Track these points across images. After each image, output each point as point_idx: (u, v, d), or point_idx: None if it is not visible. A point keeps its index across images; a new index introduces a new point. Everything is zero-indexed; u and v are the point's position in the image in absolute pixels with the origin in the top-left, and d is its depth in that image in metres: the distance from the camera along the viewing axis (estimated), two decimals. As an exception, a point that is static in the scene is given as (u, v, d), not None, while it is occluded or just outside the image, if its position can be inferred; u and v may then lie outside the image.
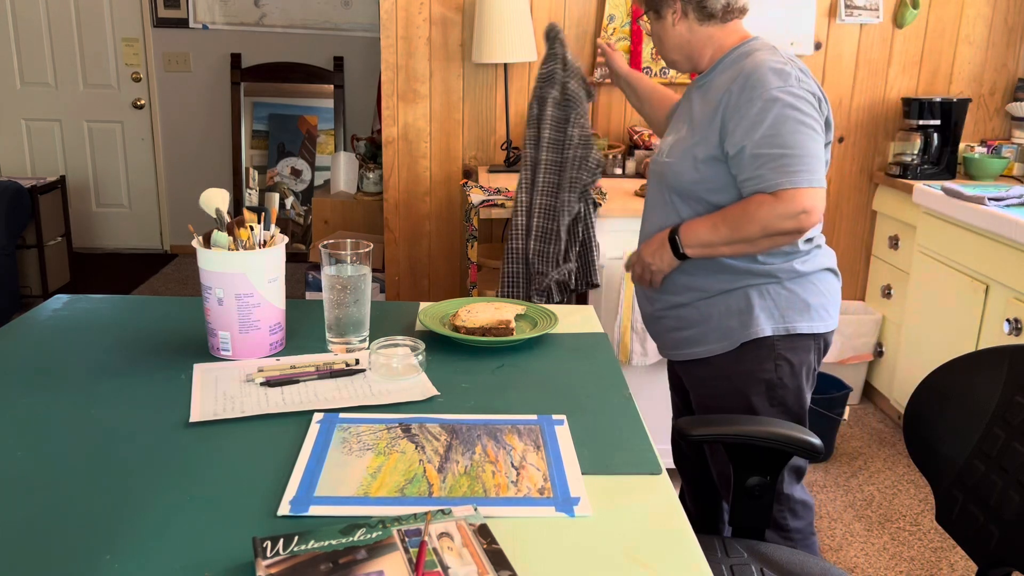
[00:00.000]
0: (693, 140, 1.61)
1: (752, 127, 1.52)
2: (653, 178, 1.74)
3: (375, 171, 3.44)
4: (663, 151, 1.70)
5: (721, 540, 1.44)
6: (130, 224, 5.46)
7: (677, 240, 1.61)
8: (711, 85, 1.64)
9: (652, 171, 1.75)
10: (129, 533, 0.87)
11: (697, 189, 1.62)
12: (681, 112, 1.74)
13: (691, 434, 1.42)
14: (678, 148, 1.65)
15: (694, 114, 1.65)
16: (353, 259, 1.37)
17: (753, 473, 1.46)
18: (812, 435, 1.39)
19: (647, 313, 1.79)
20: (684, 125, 1.68)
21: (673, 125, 1.76)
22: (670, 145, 1.68)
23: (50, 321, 1.50)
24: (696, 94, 1.69)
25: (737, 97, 1.54)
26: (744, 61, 1.59)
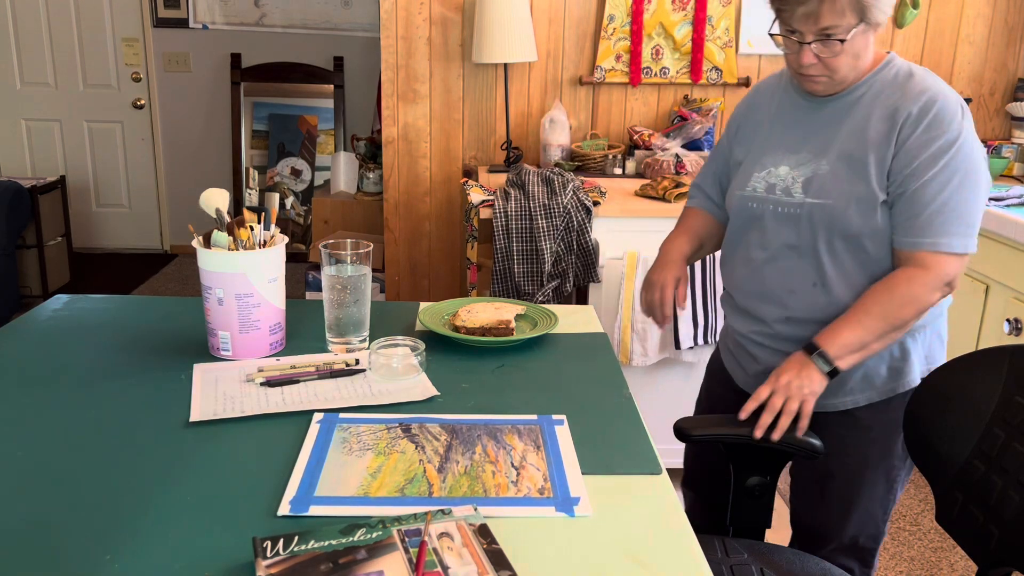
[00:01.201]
0: (848, 176, 1.39)
1: (939, 174, 1.34)
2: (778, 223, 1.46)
3: (375, 171, 3.44)
4: (787, 187, 1.45)
5: (721, 540, 1.44)
6: (130, 224, 5.45)
7: (826, 356, 1.36)
8: (853, 107, 1.42)
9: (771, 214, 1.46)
10: (129, 533, 0.87)
11: (864, 236, 1.40)
12: (804, 138, 1.47)
13: (692, 435, 1.42)
14: (826, 185, 1.41)
15: (835, 143, 1.42)
16: (353, 259, 1.37)
17: (753, 473, 1.46)
18: (812, 435, 1.38)
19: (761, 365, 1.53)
20: (830, 156, 1.43)
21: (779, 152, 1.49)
22: (804, 179, 1.43)
23: (50, 321, 1.50)
24: (821, 115, 1.46)
25: (920, 134, 1.35)
26: (910, 84, 1.39)
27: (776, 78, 1.60)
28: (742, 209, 1.52)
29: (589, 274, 2.45)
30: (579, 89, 3.10)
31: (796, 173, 1.45)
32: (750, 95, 1.63)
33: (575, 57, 3.07)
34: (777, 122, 1.52)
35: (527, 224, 2.39)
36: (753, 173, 1.51)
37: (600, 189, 2.54)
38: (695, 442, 1.45)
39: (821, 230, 1.42)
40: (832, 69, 1.39)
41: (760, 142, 1.54)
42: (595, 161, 2.96)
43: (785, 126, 1.51)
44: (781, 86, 1.56)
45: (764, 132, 1.54)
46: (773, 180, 1.48)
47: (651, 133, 2.99)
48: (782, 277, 1.47)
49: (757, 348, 1.53)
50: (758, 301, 1.51)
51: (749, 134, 1.58)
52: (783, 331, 1.48)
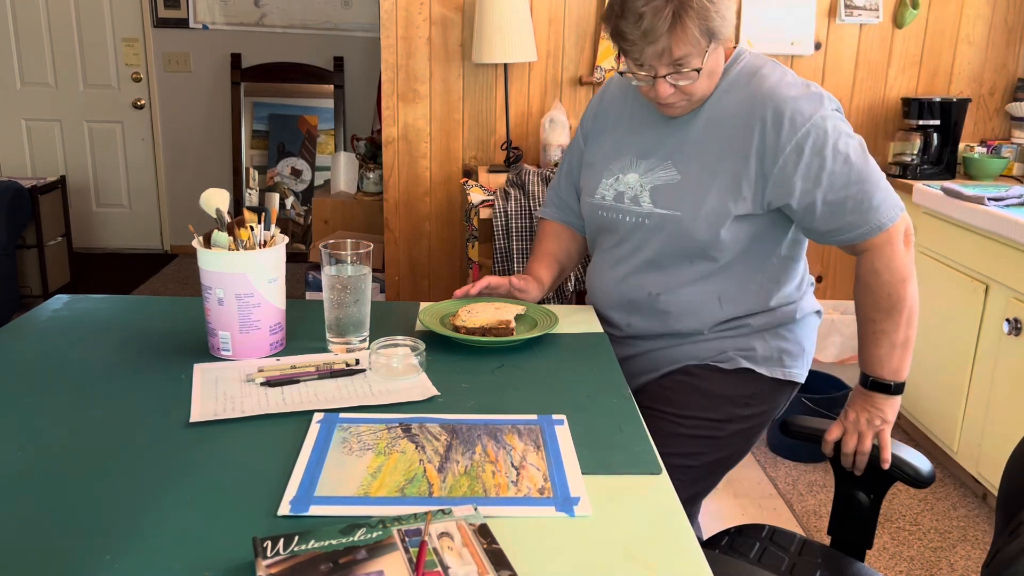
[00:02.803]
0: (710, 191, 1.39)
1: (817, 172, 1.34)
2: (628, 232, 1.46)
3: (375, 171, 3.44)
4: (635, 196, 1.43)
5: (803, 539, 1.44)
6: (130, 224, 5.46)
7: (881, 381, 1.38)
8: (712, 114, 1.41)
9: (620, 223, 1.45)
10: (129, 533, 0.88)
11: (712, 250, 1.41)
12: (654, 144, 1.44)
13: (794, 426, 1.44)
14: (682, 198, 1.39)
15: (695, 152, 1.41)
16: (353, 259, 1.37)
17: (855, 487, 1.43)
18: (923, 461, 1.34)
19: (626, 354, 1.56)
20: (680, 164, 1.41)
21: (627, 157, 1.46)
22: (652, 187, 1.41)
23: (50, 321, 1.50)
24: (671, 119, 1.44)
25: (776, 141, 1.35)
26: (753, 85, 1.38)
27: (616, 81, 1.55)
28: (592, 217, 1.52)
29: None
30: (579, 89, 3.10)
31: (644, 181, 1.43)
32: (603, 91, 1.57)
33: (575, 57, 3.07)
34: (627, 125, 1.47)
35: (527, 224, 2.39)
36: (602, 179, 1.48)
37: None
38: (795, 437, 1.45)
39: (668, 241, 1.42)
40: (690, 93, 1.36)
41: (610, 146, 1.49)
42: (595, 161, 2.95)
43: (635, 130, 1.46)
44: (629, 90, 1.51)
45: (614, 135, 1.49)
46: (621, 188, 1.45)
47: (651, 133, 2.99)
48: (634, 285, 1.49)
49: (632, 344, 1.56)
50: (617, 306, 1.54)
51: (599, 135, 1.53)
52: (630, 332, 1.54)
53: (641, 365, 1.56)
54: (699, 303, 1.47)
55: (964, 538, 2.43)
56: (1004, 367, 2.41)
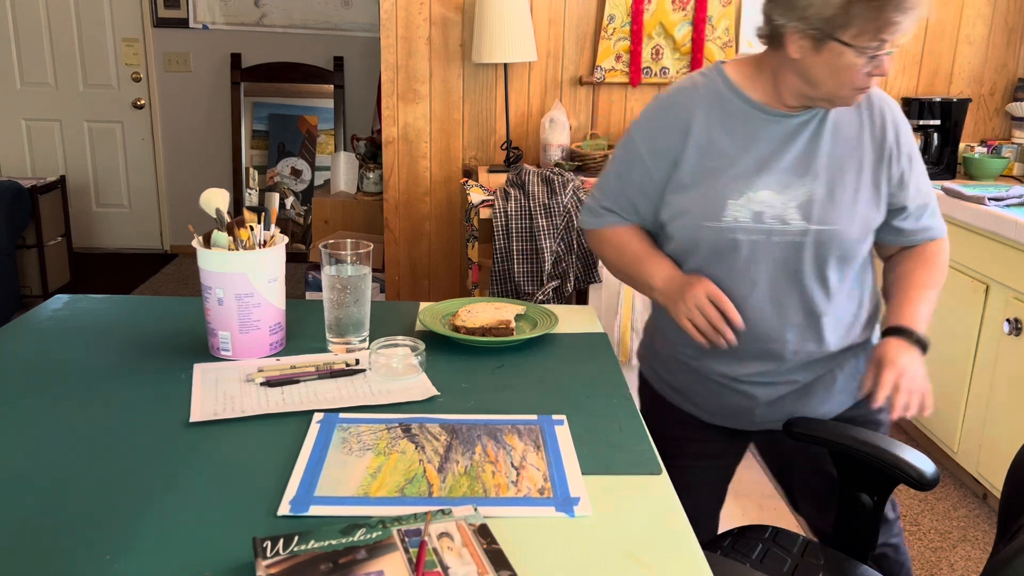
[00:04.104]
0: (848, 197, 1.34)
1: (921, 173, 1.39)
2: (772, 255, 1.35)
3: (375, 171, 3.44)
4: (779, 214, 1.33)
5: (807, 540, 1.44)
6: (130, 224, 5.46)
7: (921, 338, 1.35)
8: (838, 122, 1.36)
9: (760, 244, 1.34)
10: (129, 533, 0.87)
11: (859, 252, 1.39)
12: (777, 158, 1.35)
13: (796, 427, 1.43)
14: (834, 210, 1.34)
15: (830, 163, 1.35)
16: (353, 259, 1.37)
17: (857, 488, 1.43)
18: (927, 463, 1.33)
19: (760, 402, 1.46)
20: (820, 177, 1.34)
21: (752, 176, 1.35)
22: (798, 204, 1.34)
23: (50, 321, 1.50)
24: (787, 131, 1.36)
25: (896, 143, 1.37)
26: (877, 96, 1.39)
27: (708, 88, 1.40)
28: (716, 242, 1.35)
29: (589, 274, 2.45)
30: (579, 89, 3.10)
31: (785, 198, 1.34)
32: (683, 105, 1.40)
33: (575, 57, 3.07)
34: (739, 140, 1.36)
35: (527, 224, 2.39)
36: (727, 200, 1.34)
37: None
38: (798, 439, 1.45)
39: (822, 257, 1.35)
40: (883, 73, 1.27)
41: (724, 163, 1.36)
42: (595, 161, 2.96)
43: (749, 144, 1.36)
44: (723, 97, 1.38)
45: (724, 151, 1.36)
46: (757, 208, 1.34)
47: (651, 133, 2.99)
48: (778, 310, 1.38)
49: (752, 386, 1.44)
50: (747, 338, 1.39)
51: (701, 152, 1.38)
52: (787, 364, 1.42)
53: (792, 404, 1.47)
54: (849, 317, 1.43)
55: (964, 538, 2.43)
56: (1004, 367, 2.41)
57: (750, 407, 1.46)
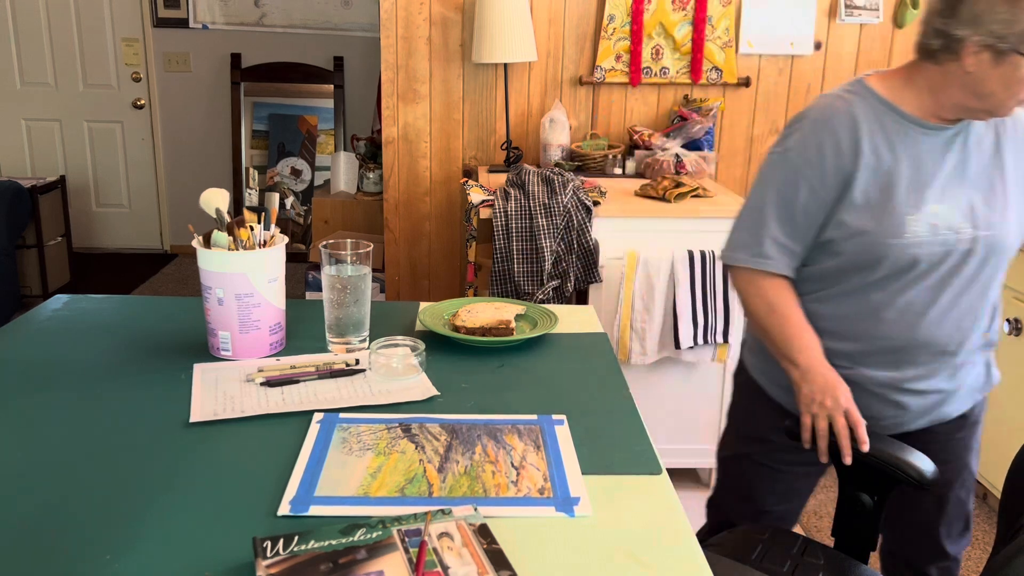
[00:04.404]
0: (1000, 201, 1.40)
1: None
2: (947, 265, 1.39)
3: (375, 171, 3.44)
4: (952, 225, 1.37)
5: (806, 540, 1.44)
6: (130, 224, 5.46)
7: None
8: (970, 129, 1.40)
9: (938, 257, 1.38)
10: (129, 533, 0.87)
11: (1013, 253, 1.45)
12: (935, 169, 1.38)
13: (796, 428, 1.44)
14: (989, 215, 1.39)
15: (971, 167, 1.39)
16: (353, 259, 1.37)
17: (857, 488, 1.43)
18: (926, 463, 1.34)
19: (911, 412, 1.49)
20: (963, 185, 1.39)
21: (924, 190, 1.37)
22: (961, 213, 1.38)
23: (50, 321, 1.50)
24: (943, 142, 1.39)
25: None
26: None
27: (865, 106, 1.40)
28: (898, 259, 1.37)
29: (590, 274, 2.45)
30: (579, 89, 3.10)
31: (950, 208, 1.37)
32: (845, 126, 1.39)
33: (575, 57, 3.07)
34: (903, 156, 1.38)
35: (527, 224, 2.39)
36: (906, 217, 1.36)
37: (600, 189, 2.55)
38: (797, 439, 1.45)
39: (987, 261, 1.40)
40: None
41: (900, 181, 1.38)
42: (595, 161, 2.96)
43: (916, 160, 1.38)
44: (878, 112, 1.40)
45: (897, 169, 1.38)
46: (932, 220, 1.37)
47: (651, 133, 2.99)
48: (951, 318, 1.42)
49: (903, 394, 1.46)
50: (920, 349, 1.43)
51: (874, 172, 1.38)
52: (933, 370, 1.46)
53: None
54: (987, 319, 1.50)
55: (964, 538, 2.43)
56: (1004, 367, 2.41)
57: (895, 416, 1.48)
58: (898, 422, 1.51)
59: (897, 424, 1.51)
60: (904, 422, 1.51)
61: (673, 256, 2.43)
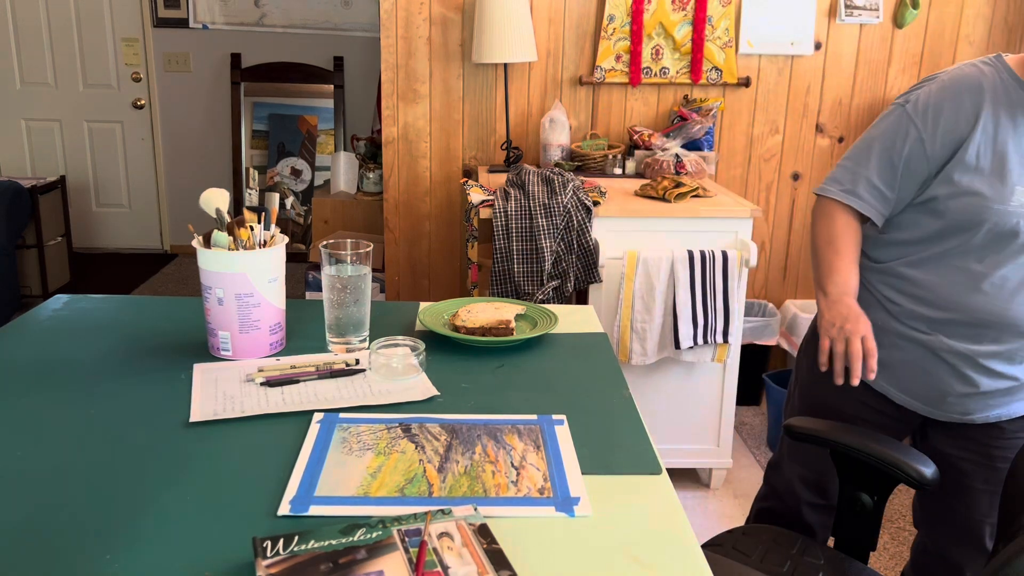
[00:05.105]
0: None
1: None
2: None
3: (375, 171, 3.44)
4: None
5: (806, 541, 1.44)
6: (130, 224, 5.46)
7: None
8: None
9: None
10: (129, 533, 0.87)
11: None
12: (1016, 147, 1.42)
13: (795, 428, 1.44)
14: None
15: None
16: (353, 259, 1.37)
17: (857, 488, 1.44)
18: (926, 463, 1.34)
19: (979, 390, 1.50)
20: None
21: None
22: None
23: (50, 321, 1.50)
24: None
25: None
26: None
27: (995, 77, 1.47)
28: (999, 224, 1.42)
29: (590, 274, 2.45)
30: (579, 89, 3.10)
31: None
32: (972, 91, 1.46)
33: (575, 57, 3.07)
34: (1021, 130, 1.43)
35: (527, 224, 2.39)
36: (1016, 187, 1.41)
37: (600, 189, 2.55)
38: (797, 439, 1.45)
39: None
40: None
41: (1014, 153, 1.43)
42: (595, 161, 2.96)
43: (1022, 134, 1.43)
44: (1008, 88, 1.45)
45: (1013, 141, 1.43)
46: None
47: (651, 133, 2.99)
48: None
49: (978, 371, 1.48)
50: (1006, 327, 1.45)
51: (992, 139, 1.44)
52: (1017, 354, 1.47)
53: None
54: None
55: (964, 538, 2.43)
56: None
57: (963, 393, 1.50)
58: (964, 404, 1.50)
59: (963, 409, 1.51)
60: (970, 408, 1.51)
61: (673, 256, 2.43)
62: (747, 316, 3.08)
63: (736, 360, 2.58)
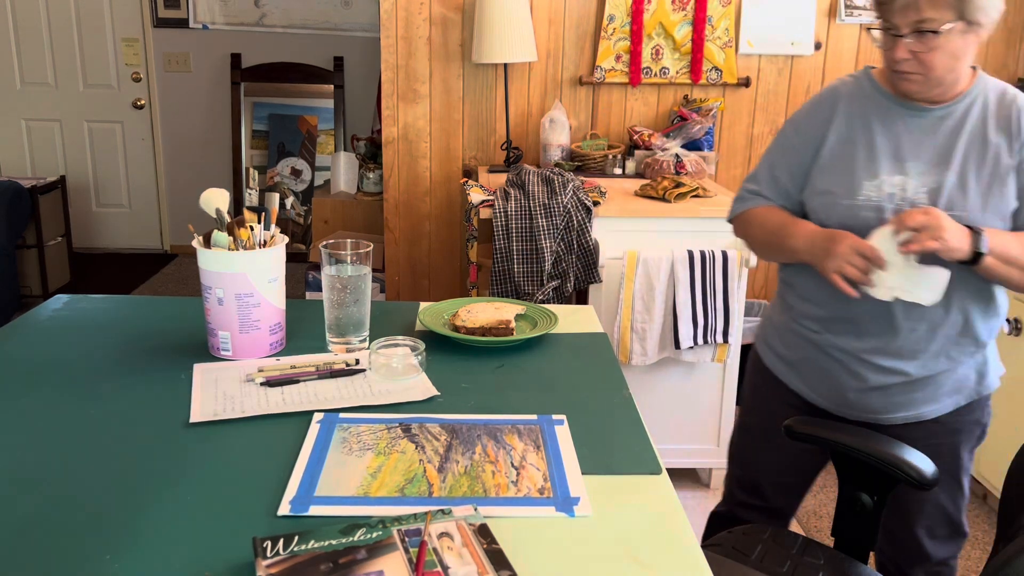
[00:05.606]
0: (979, 188, 1.41)
1: None
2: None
3: (375, 171, 3.44)
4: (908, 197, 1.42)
5: (806, 539, 1.44)
6: (130, 224, 5.46)
7: (982, 239, 1.34)
8: (966, 117, 1.44)
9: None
10: (129, 533, 0.88)
11: None
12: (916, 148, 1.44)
13: (796, 428, 1.44)
14: (956, 196, 1.40)
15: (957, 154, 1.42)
16: (353, 259, 1.37)
17: (857, 488, 1.44)
18: (926, 462, 1.34)
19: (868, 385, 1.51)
20: (953, 168, 1.42)
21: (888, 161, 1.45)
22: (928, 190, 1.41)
23: (50, 321, 1.50)
24: (929, 124, 1.45)
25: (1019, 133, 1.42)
26: (1009, 95, 1.46)
27: (855, 84, 1.54)
28: (851, 219, 1.45)
29: (590, 274, 2.45)
30: (579, 89, 3.10)
31: (916, 183, 1.42)
32: (830, 98, 1.55)
33: (575, 57, 3.07)
34: (878, 129, 1.48)
35: (527, 224, 2.39)
36: (863, 182, 1.45)
37: (600, 189, 2.55)
38: (798, 439, 1.45)
39: None
40: (927, 66, 1.38)
41: (862, 149, 1.47)
42: (595, 161, 2.96)
43: (889, 134, 1.47)
44: (866, 92, 1.51)
45: (863, 138, 1.48)
46: (890, 190, 1.43)
47: (651, 133, 2.99)
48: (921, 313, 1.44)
49: (866, 367, 1.50)
50: (877, 320, 1.47)
51: (841, 139, 1.50)
52: (902, 348, 1.48)
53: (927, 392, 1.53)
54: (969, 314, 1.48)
55: (964, 538, 2.43)
56: (1004, 367, 2.41)
57: (858, 388, 1.52)
58: (865, 402, 1.52)
59: (867, 407, 1.52)
60: (874, 406, 1.52)
61: (673, 256, 2.43)
62: (747, 316, 3.08)
63: (736, 360, 2.58)
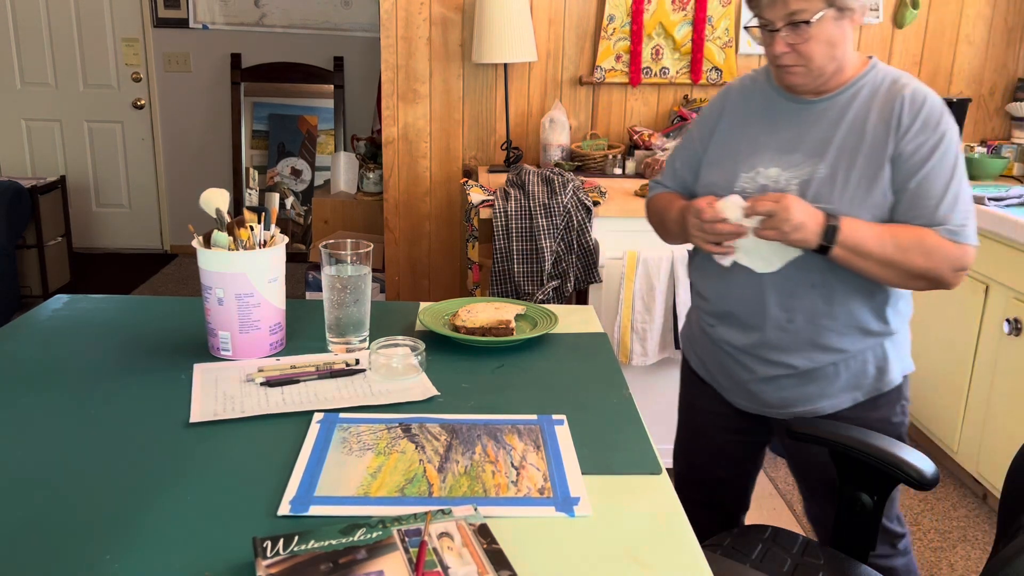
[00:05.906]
0: (849, 180, 1.38)
1: (940, 166, 1.36)
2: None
3: (375, 171, 3.44)
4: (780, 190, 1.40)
5: (807, 540, 1.44)
6: (130, 224, 5.45)
7: (836, 229, 1.33)
8: (846, 109, 1.42)
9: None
10: (129, 533, 0.88)
11: None
12: (795, 141, 1.44)
13: (795, 429, 1.44)
14: (824, 189, 1.39)
15: (832, 145, 1.41)
16: (353, 259, 1.37)
17: (857, 488, 1.43)
18: (927, 463, 1.33)
19: (757, 377, 1.52)
20: (827, 161, 1.40)
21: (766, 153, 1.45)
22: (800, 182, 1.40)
23: (50, 321, 1.50)
24: (810, 117, 1.44)
25: (917, 132, 1.37)
26: (896, 86, 1.41)
27: (750, 79, 1.56)
28: None
29: (590, 274, 2.45)
30: (579, 89, 3.10)
31: (789, 175, 1.42)
32: (724, 94, 1.58)
33: (575, 57, 3.07)
34: (761, 123, 1.49)
35: (527, 224, 2.39)
36: (740, 174, 1.46)
37: (600, 189, 2.55)
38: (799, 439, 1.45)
39: None
40: (806, 57, 1.38)
41: (744, 143, 1.49)
42: (595, 161, 2.96)
43: (771, 127, 1.47)
44: (757, 87, 1.53)
45: (746, 132, 1.49)
46: (763, 181, 1.44)
47: (651, 133, 2.99)
48: (780, 282, 1.44)
49: (753, 360, 1.50)
50: (752, 311, 1.47)
51: (726, 134, 1.53)
52: (782, 340, 1.47)
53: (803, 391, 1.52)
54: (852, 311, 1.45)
55: (964, 538, 2.43)
56: (1004, 367, 2.41)
57: (750, 380, 1.53)
58: (762, 395, 1.53)
59: (765, 400, 1.53)
60: (771, 400, 1.52)
61: (673, 256, 2.43)
62: (747, 316, 3.08)
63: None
